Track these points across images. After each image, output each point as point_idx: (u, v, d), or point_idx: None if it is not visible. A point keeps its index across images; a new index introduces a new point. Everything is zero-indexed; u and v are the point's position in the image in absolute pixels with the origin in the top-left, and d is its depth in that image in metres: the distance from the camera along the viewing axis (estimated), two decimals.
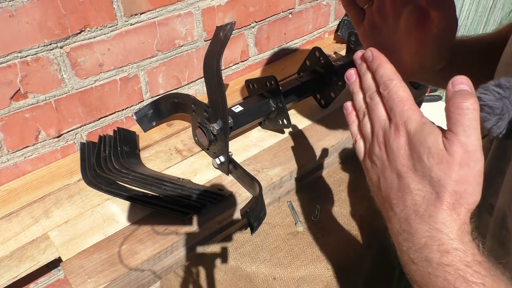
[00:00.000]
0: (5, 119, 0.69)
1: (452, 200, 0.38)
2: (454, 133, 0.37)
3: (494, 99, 0.37)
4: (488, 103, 0.37)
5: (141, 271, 0.61)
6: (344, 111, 0.48)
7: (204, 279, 0.71)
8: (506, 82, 0.37)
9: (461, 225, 0.38)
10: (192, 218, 0.66)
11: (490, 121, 0.37)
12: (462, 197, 0.38)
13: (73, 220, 0.66)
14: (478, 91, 0.38)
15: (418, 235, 0.39)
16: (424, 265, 0.39)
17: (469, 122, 0.36)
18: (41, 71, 0.69)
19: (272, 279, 0.71)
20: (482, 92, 0.38)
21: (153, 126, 0.85)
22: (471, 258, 0.37)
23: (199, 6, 0.83)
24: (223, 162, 0.72)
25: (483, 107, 0.37)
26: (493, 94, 0.37)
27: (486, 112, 0.37)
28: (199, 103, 0.72)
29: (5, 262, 0.61)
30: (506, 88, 0.37)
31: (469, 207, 0.38)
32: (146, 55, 0.81)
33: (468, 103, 0.36)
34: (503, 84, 0.37)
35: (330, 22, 1.15)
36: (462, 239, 0.38)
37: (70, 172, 0.75)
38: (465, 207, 0.38)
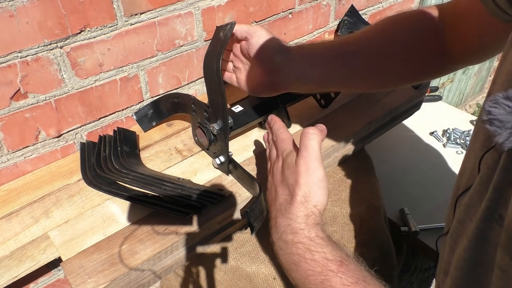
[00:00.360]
0: (5, 119, 0.69)
1: (301, 198, 0.51)
2: (300, 152, 0.54)
3: (505, 113, 0.37)
4: (499, 117, 0.38)
5: (141, 271, 0.61)
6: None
7: (204, 279, 0.71)
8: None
9: (307, 214, 0.50)
10: (192, 218, 0.66)
11: (502, 136, 0.38)
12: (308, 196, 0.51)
13: (73, 220, 0.66)
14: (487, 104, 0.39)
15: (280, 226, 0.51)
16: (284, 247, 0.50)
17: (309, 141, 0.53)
18: (41, 71, 0.69)
19: (272, 279, 0.71)
20: (492, 106, 0.38)
21: (153, 126, 0.85)
22: (314, 234, 0.48)
23: (199, 6, 0.83)
24: (223, 162, 0.72)
25: (492, 121, 0.38)
26: (503, 108, 0.38)
27: (496, 126, 0.38)
28: (199, 103, 0.72)
29: (5, 262, 0.61)
30: None
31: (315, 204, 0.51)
32: (146, 55, 0.81)
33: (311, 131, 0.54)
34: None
35: (330, 22, 1.15)
36: (307, 222, 0.50)
37: (70, 172, 0.76)
38: (312, 204, 0.51)
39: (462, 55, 0.64)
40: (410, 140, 1.25)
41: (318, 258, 0.47)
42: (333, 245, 0.48)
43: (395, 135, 1.24)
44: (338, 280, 0.44)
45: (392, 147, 1.21)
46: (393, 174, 1.12)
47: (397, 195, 1.06)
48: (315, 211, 0.51)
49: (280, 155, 0.59)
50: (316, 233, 0.49)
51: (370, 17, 1.25)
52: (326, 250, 0.47)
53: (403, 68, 0.67)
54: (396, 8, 1.33)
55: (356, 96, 0.92)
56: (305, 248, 0.47)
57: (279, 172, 0.57)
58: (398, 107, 0.92)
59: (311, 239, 0.48)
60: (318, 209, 0.51)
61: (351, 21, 1.11)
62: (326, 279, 0.45)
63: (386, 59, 0.67)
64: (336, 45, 0.69)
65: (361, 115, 0.87)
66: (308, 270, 0.47)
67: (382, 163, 1.13)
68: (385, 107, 0.90)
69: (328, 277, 0.45)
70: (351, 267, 0.46)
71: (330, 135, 0.82)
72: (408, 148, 1.22)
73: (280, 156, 0.59)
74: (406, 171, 1.13)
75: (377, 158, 0.98)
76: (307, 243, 0.48)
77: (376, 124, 0.89)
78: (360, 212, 0.83)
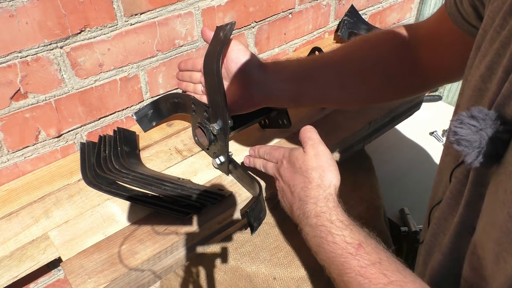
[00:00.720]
0: (5, 119, 0.69)
1: (318, 181, 0.56)
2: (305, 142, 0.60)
3: (471, 133, 0.39)
4: (466, 138, 0.39)
5: (141, 271, 0.61)
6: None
7: (204, 279, 0.71)
8: (479, 113, 0.39)
9: (326, 197, 0.55)
10: (192, 218, 0.66)
11: (471, 156, 0.39)
12: (323, 177, 0.56)
13: (73, 220, 0.66)
14: (453, 124, 0.40)
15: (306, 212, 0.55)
16: (310, 232, 0.54)
17: (310, 133, 0.60)
18: (41, 71, 0.69)
19: (272, 279, 0.71)
20: (457, 126, 0.39)
21: (153, 126, 0.85)
22: (335, 217, 0.52)
23: (199, 6, 0.83)
24: (223, 162, 0.72)
25: (460, 141, 0.39)
26: (468, 127, 0.39)
27: (464, 146, 0.39)
28: (199, 103, 0.72)
29: (5, 262, 0.61)
30: (481, 119, 0.38)
31: (329, 184, 0.56)
32: (146, 55, 0.81)
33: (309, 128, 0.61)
34: (476, 115, 0.39)
35: (330, 22, 1.15)
36: (327, 205, 0.54)
37: (70, 172, 0.76)
38: (327, 185, 0.56)
39: (439, 71, 0.65)
40: (410, 140, 1.25)
41: (339, 240, 0.50)
42: (352, 227, 0.51)
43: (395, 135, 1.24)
44: (356, 262, 0.47)
45: (392, 147, 1.21)
46: (393, 174, 1.12)
47: (397, 195, 1.06)
48: (331, 191, 0.56)
49: (282, 158, 0.63)
50: (336, 216, 0.53)
51: (370, 17, 1.25)
52: (346, 233, 0.50)
53: (377, 85, 0.69)
54: (396, 8, 1.33)
55: None
56: (327, 231, 0.51)
57: (288, 170, 0.61)
58: (398, 107, 0.92)
59: (332, 222, 0.52)
60: (334, 188, 0.56)
61: (351, 21, 1.11)
62: (345, 261, 0.48)
63: (359, 76, 0.68)
64: (309, 62, 0.70)
65: (361, 115, 0.87)
66: (331, 252, 0.50)
67: (382, 163, 1.13)
68: (385, 107, 0.90)
69: (348, 260, 0.48)
70: (368, 249, 0.49)
71: (330, 135, 0.82)
72: (408, 148, 1.22)
73: (283, 159, 0.62)
74: (406, 171, 1.13)
75: (377, 158, 0.99)
76: (328, 226, 0.52)
77: (376, 124, 0.89)
78: (360, 212, 0.83)
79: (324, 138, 0.80)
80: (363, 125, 0.86)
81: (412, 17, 1.42)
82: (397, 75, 0.67)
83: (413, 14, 1.41)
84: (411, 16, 1.41)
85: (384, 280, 0.45)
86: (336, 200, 0.55)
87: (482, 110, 0.39)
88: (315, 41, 1.15)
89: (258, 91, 0.65)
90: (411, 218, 0.98)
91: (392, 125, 0.97)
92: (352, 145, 0.87)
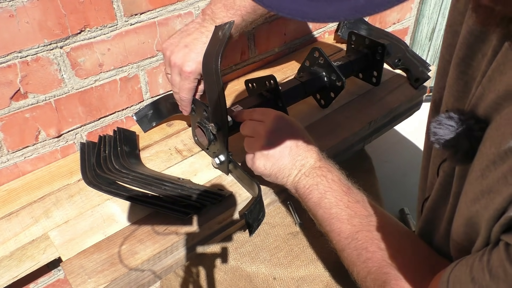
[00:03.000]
0: (5, 119, 0.69)
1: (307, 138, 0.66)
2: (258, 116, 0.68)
3: (449, 132, 0.42)
4: (445, 137, 0.42)
5: (141, 271, 0.61)
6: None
7: (204, 279, 0.71)
8: (455, 114, 0.42)
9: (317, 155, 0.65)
10: (192, 218, 0.66)
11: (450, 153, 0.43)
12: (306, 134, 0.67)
13: (73, 220, 0.66)
14: (432, 125, 0.44)
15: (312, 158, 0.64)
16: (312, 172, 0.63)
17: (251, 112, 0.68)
18: (41, 71, 0.69)
19: (272, 279, 0.71)
20: (436, 127, 0.43)
21: (153, 127, 0.85)
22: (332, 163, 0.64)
23: (199, 6, 0.83)
24: (222, 162, 0.72)
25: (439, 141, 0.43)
26: (447, 128, 0.42)
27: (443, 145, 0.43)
28: (198, 103, 0.72)
29: (5, 262, 0.61)
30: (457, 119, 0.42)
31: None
32: (146, 55, 0.81)
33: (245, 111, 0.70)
34: (453, 116, 0.42)
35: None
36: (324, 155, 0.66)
37: (70, 172, 0.76)
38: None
39: None
40: (410, 140, 1.25)
41: (336, 179, 0.61)
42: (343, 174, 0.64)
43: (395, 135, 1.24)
44: (346, 198, 0.59)
45: (392, 147, 1.21)
46: (393, 174, 1.12)
47: (397, 195, 1.06)
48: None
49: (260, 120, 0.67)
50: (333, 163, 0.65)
51: (370, 17, 1.25)
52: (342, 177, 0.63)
53: None
54: (396, 8, 1.33)
55: (356, 96, 0.92)
56: (327, 170, 0.62)
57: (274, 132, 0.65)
58: (398, 107, 0.92)
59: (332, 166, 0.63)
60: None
61: (351, 21, 1.11)
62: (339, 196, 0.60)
63: None
64: None
65: (361, 115, 0.87)
66: (328, 188, 0.61)
67: (382, 163, 1.13)
68: (385, 107, 0.90)
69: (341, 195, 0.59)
70: (354, 190, 0.61)
71: (330, 135, 0.82)
72: (408, 148, 1.22)
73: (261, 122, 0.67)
74: (406, 171, 1.13)
75: (377, 158, 0.99)
76: (329, 168, 0.63)
77: (376, 124, 0.89)
78: None
79: (324, 138, 0.81)
80: (363, 125, 0.86)
81: (412, 17, 1.42)
82: None
83: (413, 14, 1.41)
84: (411, 16, 1.41)
85: (365, 212, 0.58)
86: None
87: (458, 111, 0.43)
88: (315, 41, 1.15)
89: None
90: (411, 218, 0.98)
91: (392, 125, 0.97)
92: (352, 145, 0.87)
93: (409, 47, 1.00)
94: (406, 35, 1.44)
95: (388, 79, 0.97)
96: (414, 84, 0.95)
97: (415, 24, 1.44)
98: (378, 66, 0.90)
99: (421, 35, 1.50)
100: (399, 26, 1.38)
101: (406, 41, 1.46)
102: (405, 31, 1.42)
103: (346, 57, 0.89)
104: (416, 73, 0.95)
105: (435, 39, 1.55)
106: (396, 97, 0.93)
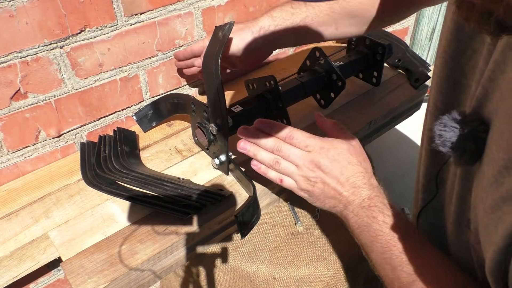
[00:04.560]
0: (5, 119, 0.69)
1: (368, 169, 0.59)
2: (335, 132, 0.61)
3: (454, 135, 0.42)
4: (450, 140, 0.42)
5: (141, 271, 0.61)
6: (254, 168, 0.62)
7: (204, 279, 0.71)
8: (459, 116, 0.42)
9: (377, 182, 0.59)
10: (192, 218, 0.66)
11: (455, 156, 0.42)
12: (368, 164, 0.60)
13: (73, 220, 0.66)
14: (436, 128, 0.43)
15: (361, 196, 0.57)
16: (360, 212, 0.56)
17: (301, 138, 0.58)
18: (41, 71, 0.69)
19: (272, 279, 0.71)
20: (441, 129, 0.43)
21: (153, 127, 0.85)
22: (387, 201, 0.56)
23: (199, 6, 0.83)
24: (222, 162, 0.72)
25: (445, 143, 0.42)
26: (452, 130, 0.42)
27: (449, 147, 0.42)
28: (198, 103, 0.72)
29: (5, 262, 0.61)
30: (461, 121, 0.42)
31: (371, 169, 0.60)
32: (146, 55, 0.81)
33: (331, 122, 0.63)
34: (457, 118, 0.42)
35: None
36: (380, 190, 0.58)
37: (70, 172, 0.76)
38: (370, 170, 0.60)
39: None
40: (410, 140, 1.25)
41: (388, 221, 0.54)
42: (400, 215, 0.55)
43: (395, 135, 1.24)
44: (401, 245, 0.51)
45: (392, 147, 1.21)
46: (393, 174, 1.12)
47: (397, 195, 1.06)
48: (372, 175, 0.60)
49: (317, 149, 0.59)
50: (387, 200, 0.57)
51: None
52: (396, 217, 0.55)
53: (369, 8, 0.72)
54: None
55: (356, 96, 0.92)
56: (378, 211, 0.55)
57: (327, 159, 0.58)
58: (398, 107, 0.92)
59: (384, 204, 0.56)
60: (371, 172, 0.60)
61: None
62: (392, 239, 0.52)
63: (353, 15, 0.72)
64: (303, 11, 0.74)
65: (361, 115, 0.87)
66: (378, 231, 0.54)
67: (382, 163, 1.13)
68: (385, 107, 0.90)
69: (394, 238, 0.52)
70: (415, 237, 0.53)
71: None
72: (408, 148, 1.22)
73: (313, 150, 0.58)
74: (406, 171, 1.13)
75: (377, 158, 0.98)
76: (381, 207, 0.55)
77: (376, 124, 0.89)
78: None
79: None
80: (363, 125, 0.86)
81: (412, 17, 1.42)
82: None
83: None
84: (411, 16, 1.41)
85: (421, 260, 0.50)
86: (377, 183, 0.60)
87: (461, 112, 0.42)
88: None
89: (262, 42, 0.72)
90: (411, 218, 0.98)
91: (392, 125, 0.97)
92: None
93: (409, 47, 1.00)
94: (406, 35, 1.44)
95: (388, 79, 0.97)
96: (414, 84, 0.95)
97: (415, 24, 1.44)
98: (378, 66, 0.90)
99: (421, 35, 1.50)
100: (399, 26, 1.38)
101: (406, 41, 1.46)
102: (405, 31, 1.42)
103: (346, 57, 0.89)
104: (416, 73, 0.95)
105: (435, 39, 1.55)
106: (396, 97, 0.93)
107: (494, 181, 0.37)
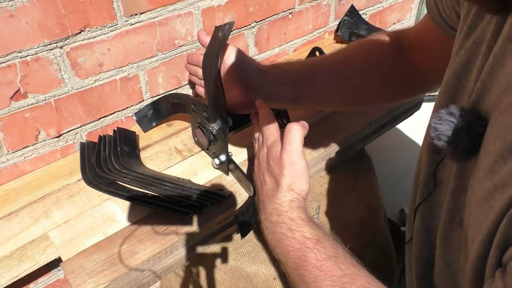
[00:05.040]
0: (5, 119, 0.69)
1: (286, 187, 0.56)
2: (284, 145, 0.58)
3: (450, 129, 0.42)
4: (445, 133, 0.42)
5: (141, 271, 0.61)
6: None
7: (204, 279, 0.71)
8: (456, 110, 0.42)
9: (291, 200, 0.55)
10: (192, 218, 0.66)
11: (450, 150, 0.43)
12: (292, 185, 0.56)
13: (73, 220, 0.66)
14: (432, 121, 0.43)
15: (267, 209, 0.56)
16: (270, 227, 0.55)
17: (293, 136, 0.58)
18: (41, 71, 0.69)
19: (272, 279, 0.71)
20: (437, 123, 0.43)
21: (153, 127, 0.85)
22: (296, 215, 0.53)
23: (199, 6, 0.83)
24: (222, 162, 0.72)
25: (440, 137, 0.43)
26: (447, 124, 0.42)
27: (443, 141, 0.43)
28: (198, 103, 0.72)
29: (5, 262, 0.61)
30: (458, 116, 0.42)
31: (299, 192, 0.57)
32: (146, 55, 0.81)
33: (294, 126, 0.58)
34: (454, 112, 0.42)
35: (330, 22, 1.15)
36: (291, 206, 0.55)
37: (70, 172, 0.76)
38: (297, 192, 0.56)
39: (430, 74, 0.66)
40: (410, 140, 1.25)
41: (298, 236, 0.51)
42: (311, 224, 0.53)
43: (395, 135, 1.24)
44: (313, 255, 0.49)
45: (392, 147, 1.21)
46: (393, 174, 1.12)
47: (397, 195, 1.06)
48: (299, 197, 0.57)
49: (265, 142, 0.63)
50: (298, 215, 0.54)
51: (370, 17, 1.25)
52: (305, 229, 0.52)
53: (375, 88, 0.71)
54: (396, 8, 1.33)
55: None
56: (287, 228, 0.53)
57: (264, 160, 0.62)
58: (398, 107, 0.92)
59: (292, 220, 0.53)
60: (302, 196, 0.57)
61: (351, 21, 1.11)
62: (303, 255, 0.49)
63: (359, 79, 0.70)
64: (308, 66, 0.72)
65: (361, 115, 0.87)
66: (289, 247, 0.51)
67: (382, 163, 1.13)
68: (385, 107, 0.90)
69: (305, 253, 0.49)
70: (326, 244, 0.50)
71: (330, 135, 0.82)
72: (408, 148, 1.22)
73: (264, 143, 0.63)
74: (406, 171, 1.13)
75: (377, 158, 0.99)
76: (289, 223, 0.53)
77: (376, 124, 0.89)
78: (360, 212, 0.83)
79: (324, 138, 0.81)
80: (363, 125, 0.86)
81: (412, 17, 1.42)
82: (395, 78, 0.69)
83: (413, 14, 1.41)
84: (411, 16, 1.41)
85: (338, 273, 0.46)
86: (301, 203, 0.56)
87: (459, 107, 0.42)
88: (315, 41, 1.15)
89: (258, 96, 0.66)
90: None
91: (392, 125, 0.97)
92: (352, 145, 0.87)
93: None
94: None
95: None
96: None
97: (415, 24, 1.44)
98: None
99: None
100: (399, 26, 1.38)
101: None
102: None
103: None
104: None
105: None
106: None
107: (490, 171, 0.38)
